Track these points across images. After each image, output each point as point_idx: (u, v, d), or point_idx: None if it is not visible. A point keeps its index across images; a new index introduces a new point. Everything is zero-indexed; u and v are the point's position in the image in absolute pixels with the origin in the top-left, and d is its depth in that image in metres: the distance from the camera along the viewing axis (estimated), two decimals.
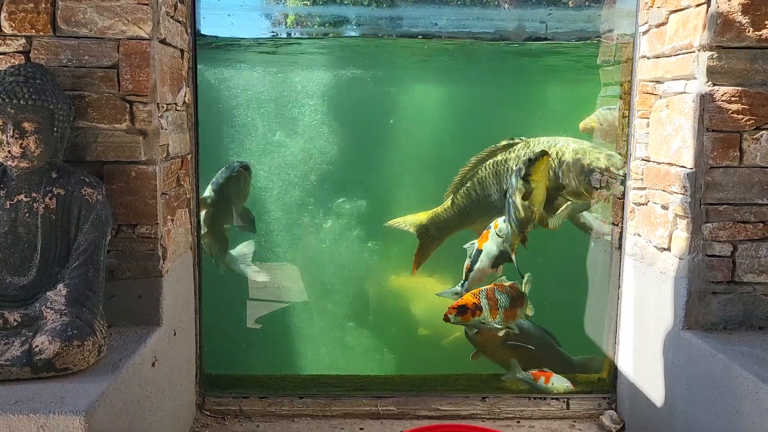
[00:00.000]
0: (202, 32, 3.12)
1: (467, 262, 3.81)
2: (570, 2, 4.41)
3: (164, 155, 2.67)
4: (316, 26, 4.85)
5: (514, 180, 3.46)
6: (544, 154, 3.37)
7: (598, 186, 3.52)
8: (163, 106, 2.64)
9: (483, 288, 3.56)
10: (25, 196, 2.31)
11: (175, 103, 2.82)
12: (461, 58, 5.57)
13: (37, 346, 2.09)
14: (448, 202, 4.20)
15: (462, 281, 3.84)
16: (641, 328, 3.00)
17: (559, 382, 3.45)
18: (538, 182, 3.39)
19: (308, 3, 4.91)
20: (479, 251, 3.75)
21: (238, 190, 3.90)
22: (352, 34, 4.91)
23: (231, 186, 3.89)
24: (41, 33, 2.45)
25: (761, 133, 2.55)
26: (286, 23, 4.85)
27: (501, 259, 3.72)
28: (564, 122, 3.96)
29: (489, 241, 3.73)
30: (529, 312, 3.62)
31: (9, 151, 2.23)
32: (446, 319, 3.53)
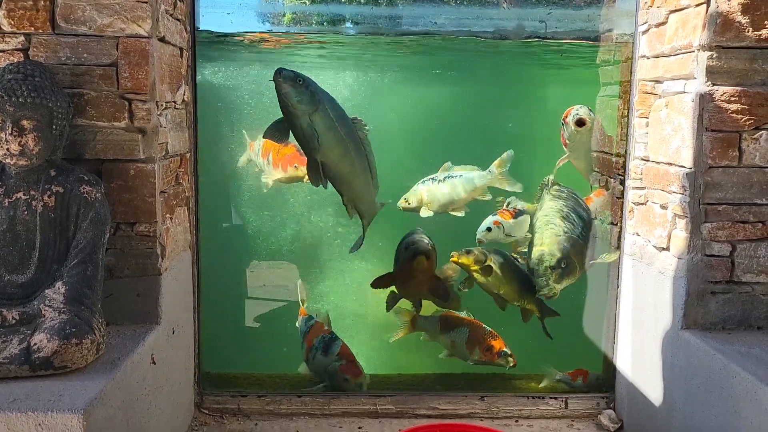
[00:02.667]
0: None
1: None
2: (570, 2, 4.41)
3: (163, 153, 2.66)
4: (314, 24, 4.84)
5: None
6: (483, 266, 3.56)
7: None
8: (162, 104, 2.63)
9: None
10: (24, 194, 2.31)
11: (174, 102, 2.82)
12: (462, 57, 5.56)
13: (35, 344, 2.09)
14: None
15: None
16: (640, 327, 3.00)
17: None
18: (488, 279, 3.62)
19: (306, 1, 4.90)
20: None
21: (285, 101, 3.20)
22: (350, 32, 4.90)
23: (281, 101, 3.23)
24: (40, 30, 2.45)
25: (760, 133, 2.55)
26: (285, 20, 4.85)
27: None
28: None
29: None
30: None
31: (7, 149, 2.22)
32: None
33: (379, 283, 3.71)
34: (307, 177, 3.75)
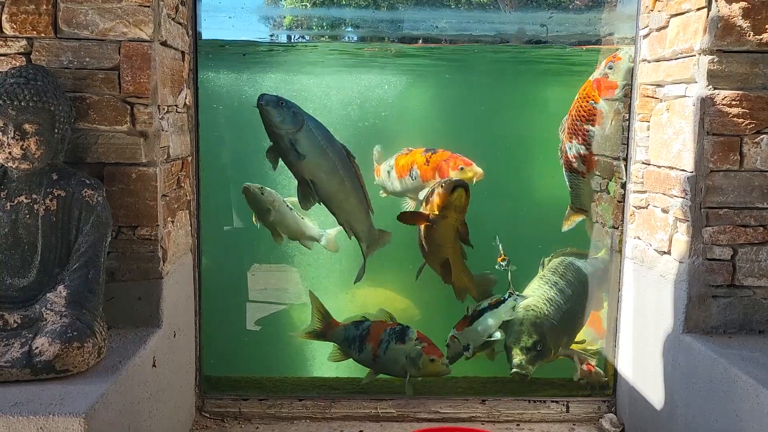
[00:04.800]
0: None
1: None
2: (571, 5, 4.42)
3: (165, 157, 2.67)
4: (315, 28, 4.85)
5: None
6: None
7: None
8: (163, 108, 2.64)
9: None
10: (26, 198, 2.31)
11: (176, 105, 2.82)
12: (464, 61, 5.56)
13: (37, 348, 2.09)
14: None
15: None
16: (641, 331, 3.00)
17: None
18: None
19: (307, 5, 4.91)
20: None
21: (269, 122, 3.34)
22: (352, 36, 4.90)
23: (266, 125, 3.37)
24: (42, 34, 2.46)
25: (762, 137, 2.55)
26: (285, 25, 4.85)
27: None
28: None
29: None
30: None
31: (10, 153, 2.23)
32: None
33: (406, 216, 3.67)
34: (473, 175, 3.78)
